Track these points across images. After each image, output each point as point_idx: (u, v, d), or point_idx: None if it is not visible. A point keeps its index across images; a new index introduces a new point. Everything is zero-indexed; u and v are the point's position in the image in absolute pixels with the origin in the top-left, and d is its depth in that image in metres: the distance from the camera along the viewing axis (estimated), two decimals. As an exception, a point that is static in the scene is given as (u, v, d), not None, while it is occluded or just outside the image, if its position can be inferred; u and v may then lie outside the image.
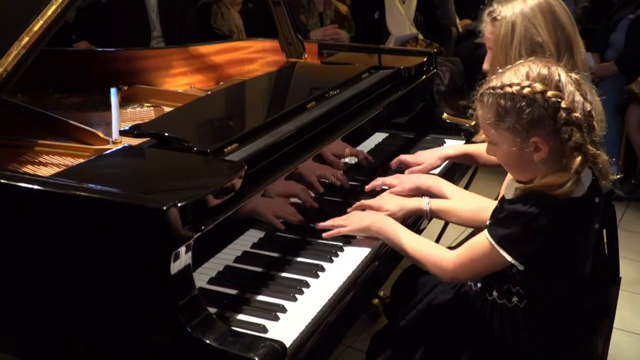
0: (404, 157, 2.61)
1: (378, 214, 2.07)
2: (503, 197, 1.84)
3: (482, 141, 2.39)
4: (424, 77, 3.10)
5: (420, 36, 5.55)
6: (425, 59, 3.12)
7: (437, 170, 2.64)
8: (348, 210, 2.21)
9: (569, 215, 1.69)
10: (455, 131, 3.12)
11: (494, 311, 1.87)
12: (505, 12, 2.11)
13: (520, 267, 1.73)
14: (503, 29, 2.10)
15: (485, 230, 1.75)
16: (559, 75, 1.68)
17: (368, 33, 5.43)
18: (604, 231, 2.15)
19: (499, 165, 2.39)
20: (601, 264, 2.12)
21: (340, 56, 3.23)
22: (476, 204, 2.13)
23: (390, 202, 2.22)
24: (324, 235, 2.04)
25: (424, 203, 2.20)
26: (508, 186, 1.82)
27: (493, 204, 1.92)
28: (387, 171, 2.71)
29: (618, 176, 1.83)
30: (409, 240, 1.95)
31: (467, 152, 2.57)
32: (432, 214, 2.20)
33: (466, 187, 3.06)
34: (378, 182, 2.42)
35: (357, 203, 2.23)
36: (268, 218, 2.02)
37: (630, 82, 4.86)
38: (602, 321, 2.13)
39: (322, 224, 2.07)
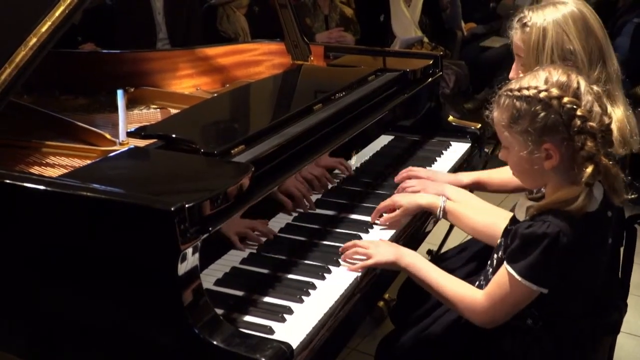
0: (415, 173, 2.51)
1: (404, 249, 1.98)
2: (514, 217, 1.81)
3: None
4: (430, 79, 3.09)
5: (426, 39, 5.56)
6: (431, 62, 3.12)
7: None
8: (371, 218, 2.23)
9: (585, 231, 1.64)
10: (461, 134, 3.12)
11: (506, 332, 1.82)
12: (536, 18, 2.06)
13: (545, 291, 1.67)
14: (534, 35, 2.06)
15: (507, 265, 1.68)
16: (578, 83, 1.65)
17: (373, 36, 5.43)
18: (622, 250, 2.13)
19: (508, 191, 2.37)
20: (614, 282, 2.11)
21: (346, 59, 3.23)
22: (492, 220, 2.09)
23: (404, 198, 2.23)
24: (348, 269, 1.94)
25: (439, 201, 2.18)
26: (519, 204, 1.80)
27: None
28: (392, 173, 2.71)
29: (632, 196, 1.77)
30: (439, 278, 1.87)
31: (479, 180, 2.53)
32: (445, 215, 2.18)
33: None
34: (405, 183, 2.39)
35: (377, 207, 2.24)
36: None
37: (635, 85, 4.85)
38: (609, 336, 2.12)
39: (344, 248, 2.00)
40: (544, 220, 1.64)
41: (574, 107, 1.60)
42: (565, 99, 1.61)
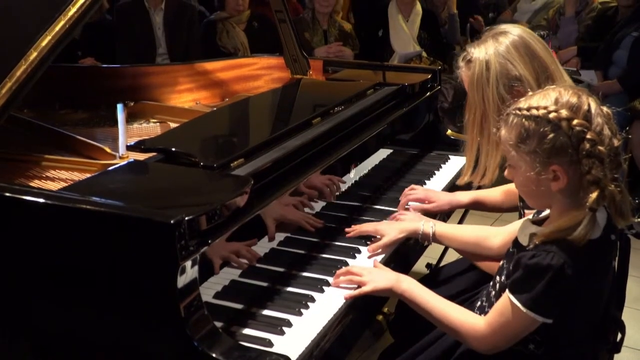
0: (414, 196, 2.52)
1: (400, 274, 1.94)
2: (517, 241, 1.79)
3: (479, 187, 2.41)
4: (428, 93, 3.11)
5: (424, 54, 5.57)
6: (429, 76, 3.14)
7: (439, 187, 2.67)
8: (347, 232, 2.22)
9: (590, 259, 1.63)
10: (459, 147, 3.12)
11: (508, 356, 1.78)
12: (479, 53, 2.10)
13: (549, 322, 1.65)
14: (477, 69, 2.08)
15: (510, 295, 1.66)
16: (588, 105, 1.62)
17: (372, 51, 5.45)
18: (616, 260, 2.13)
19: (506, 210, 2.36)
20: (613, 299, 2.10)
21: (345, 73, 3.25)
22: (482, 234, 2.11)
23: (389, 226, 2.21)
24: (345, 297, 1.88)
25: (427, 227, 2.18)
26: (522, 227, 1.78)
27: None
28: (391, 187, 2.73)
29: (638, 219, 1.75)
30: (438, 305, 1.83)
31: (477, 199, 2.53)
32: (435, 238, 2.18)
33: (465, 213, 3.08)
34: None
35: (354, 232, 2.22)
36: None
37: (633, 99, 4.86)
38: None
39: (337, 274, 1.96)
40: (548, 250, 1.61)
41: (584, 130, 1.57)
42: (575, 121, 1.58)
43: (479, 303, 1.93)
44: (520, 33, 2.11)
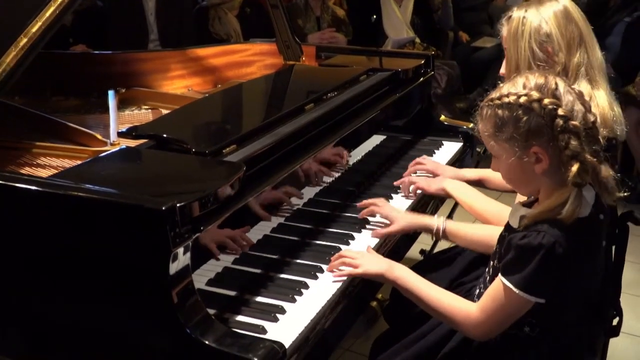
0: (422, 166, 2.63)
1: (392, 261, 1.94)
2: (508, 224, 1.80)
3: None
4: (422, 79, 3.10)
5: (417, 39, 5.56)
6: (422, 62, 3.12)
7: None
8: (359, 215, 2.23)
9: (580, 238, 1.64)
10: (452, 133, 3.12)
11: (503, 340, 1.79)
12: (518, 12, 2.20)
13: (541, 301, 1.65)
14: (514, 23, 2.17)
15: (502, 277, 1.67)
16: (556, 84, 1.65)
17: (365, 37, 5.43)
18: (613, 249, 2.13)
19: (509, 191, 2.37)
20: (609, 283, 2.11)
21: (338, 59, 3.23)
22: (489, 232, 2.09)
23: (399, 215, 2.21)
24: (334, 276, 1.90)
25: (439, 222, 2.17)
26: (513, 211, 1.79)
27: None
28: (385, 173, 2.72)
29: (625, 194, 1.76)
30: (430, 292, 1.83)
31: (483, 177, 2.58)
32: (445, 236, 2.17)
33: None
34: (405, 180, 2.49)
35: (366, 210, 2.23)
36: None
37: (626, 84, 4.86)
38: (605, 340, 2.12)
39: (332, 259, 1.96)
40: (538, 230, 1.62)
41: (555, 107, 1.61)
42: (546, 100, 1.61)
43: (477, 291, 1.93)
44: (566, 4, 2.19)
